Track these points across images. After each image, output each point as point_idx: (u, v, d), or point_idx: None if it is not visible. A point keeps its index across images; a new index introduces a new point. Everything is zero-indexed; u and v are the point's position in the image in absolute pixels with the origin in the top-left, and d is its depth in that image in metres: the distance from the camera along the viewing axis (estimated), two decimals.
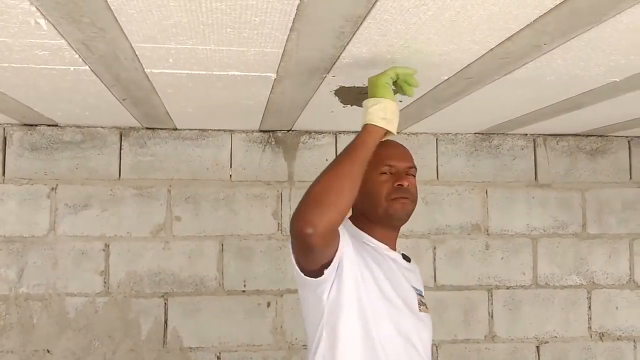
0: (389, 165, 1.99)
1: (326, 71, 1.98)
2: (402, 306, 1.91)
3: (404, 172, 2.00)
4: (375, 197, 1.96)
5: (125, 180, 3.19)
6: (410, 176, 2.01)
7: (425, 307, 2.00)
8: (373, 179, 1.95)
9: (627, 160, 3.57)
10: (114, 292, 3.15)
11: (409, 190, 1.97)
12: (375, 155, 1.88)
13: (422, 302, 2.00)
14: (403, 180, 1.96)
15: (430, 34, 1.60)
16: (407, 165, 2.02)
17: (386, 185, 1.96)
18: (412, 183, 2.00)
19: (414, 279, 2.04)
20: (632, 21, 1.50)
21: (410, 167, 2.03)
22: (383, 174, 1.97)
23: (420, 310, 1.97)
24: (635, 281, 3.53)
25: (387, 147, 2.02)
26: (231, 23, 1.48)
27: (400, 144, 2.11)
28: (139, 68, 1.91)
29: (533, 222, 3.47)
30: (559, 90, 2.30)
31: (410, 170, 2.03)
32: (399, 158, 2.03)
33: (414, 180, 2.02)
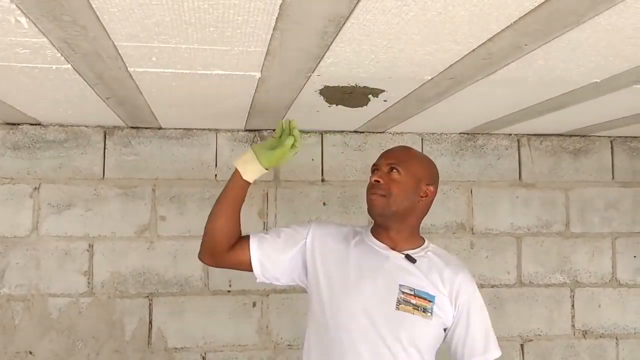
0: (375, 165, 2.19)
1: (311, 71, 1.98)
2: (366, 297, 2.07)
3: (384, 169, 2.14)
4: None
5: (109, 179, 3.18)
6: (393, 172, 2.12)
7: (412, 307, 2.05)
8: None
9: (609, 160, 3.61)
10: (98, 293, 3.14)
11: (380, 186, 2.11)
12: None
13: (406, 300, 2.06)
14: (374, 176, 2.14)
15: (413, 34, 1.61)
16: (387, 162, 2.15)
17: (369, 181, 2.17)
18: (391, 179, 2.12)
19: (409, 278, 2.09)
20: (610, 23, 1.52)
21: (391, 163, 2.13)
22: (372, 173, 2.18)
23: (399, 309, 2.05)
24: (618, 279, 3.56)
25: (383, 151, 2.26)
26: (214, 22, 1.49)
27: (397, 146, 2.33)
28: (122, 67, 1.90)
29: (517, 221, 3.50)
30: (541, 90, 2.31)
31: (392, 165, 2.13)
32: (383, 156, 2.19)
33: (397, 175, 2.12)
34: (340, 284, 2.10)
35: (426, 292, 2.07)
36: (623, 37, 1.64)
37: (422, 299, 2.06)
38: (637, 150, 3.62)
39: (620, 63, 1.90)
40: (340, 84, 2.18)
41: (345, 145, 3.37)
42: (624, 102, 2.53)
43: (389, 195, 2.10)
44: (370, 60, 1.85)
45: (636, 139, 3.62)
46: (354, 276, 2.10)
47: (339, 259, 2.15)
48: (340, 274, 2.12)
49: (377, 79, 2.11)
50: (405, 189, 2.12)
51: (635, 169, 3.62)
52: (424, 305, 2.06)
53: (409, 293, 2.06)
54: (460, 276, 2.13)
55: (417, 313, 2.05)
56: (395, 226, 2.15)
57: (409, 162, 2.16)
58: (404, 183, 2.12)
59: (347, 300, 2.07)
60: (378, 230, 2.19)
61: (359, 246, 2.18)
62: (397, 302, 2.05)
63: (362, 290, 2.07)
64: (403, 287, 2.07)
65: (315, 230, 2.23)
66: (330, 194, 3.35)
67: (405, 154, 2.20)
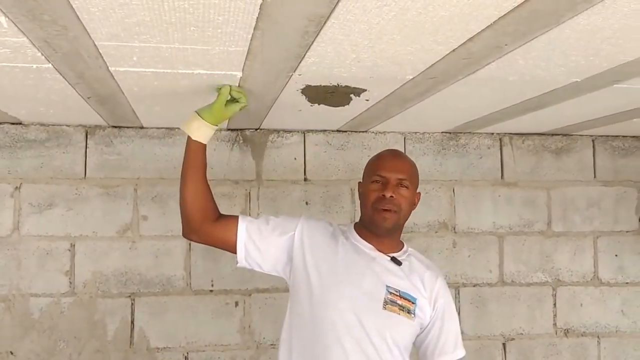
0: (380, 176, 2.17)
1: (292, 70, 1.99)
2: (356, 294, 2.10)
3: (393, 183, 2.15)
4: (365, 203, 2.20)
5: (90, 179, 3.17)
6: (402, 187, 2.16)
7: (398, 308, 2.12)
8: (366, 186, 2.21)
9: (591, 159, 3.64)
10: (80, 293, 3.13)
11: (393, 201, 2.13)
12: (372, 165, 2.26)
13: (393, 301, 2.12)
14: (387, 191, 2.13)
15: (394, 34, 1.62)
16: (397, 177, 2.16)
17: (374, 194, 2.16)
18: (401, 194, 2.15)
19: (394, 280, 2.15)
20: (589, 23, 1.54)
21: (402, 179, 2.16)
22: (374, 183, 2.17)
23: (386, 308, 2.10)
24: (599, 278, 3.60)
25: (382, 158, 2.26)
26: (194, 22, 1.49)
27: (399, 156, 2.31)
28: (103, 66, 1.90)
29: (499, 220, 3.53)
30: (522, 90, 2.34)
31: (402, 181, 2.16)
32: (391, 169, 2.18)
33: (405, 191, 2.16)
34: (329, 278, 2.12)
35: (409, 293, 2.15)
36: (602, 37, 1.66)
37: (407, 300, 2.13)
38: (618, 150, 3.66)
39: (600, 63, 1.93)
40: (322, 83, 2.19)
41: (327, 144, 3.38)
42: (605, 102, 2.56)
43: (399, 211, 2.16)
44: (352, 60, 1.87)
45: (618, 138, 3.66)
46: (343, 272, 2.13)
47: (328, 253, 2.17)
48: (328, 268, 2.14)
49: (359, 78, 2.12)
50: (410, 204, 2.21)
51: (617, 168, 3.65)
52: (408, 307, 2.13)
53: (395, 294, 2.12)
54: (439, 281, 2.25)
55: (402, 314, 2.12)
56: (391, 234, 2.23)
57: (413, 176, 2.23)
58: (410, 197, 2.20)
59: (335, 295, 2.09)
60: (366, 233, 2.22)
61: (347, 244, 2.20)
62: (384, 302, 2.10)
63: (351, 287, 2.11)
64: (390, 287, 2.13)
65: (304, 223, 2.23)
66: (312, 193, 3.36)
67: (411, 168, 2.24)
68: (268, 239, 2.20)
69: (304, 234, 2.21)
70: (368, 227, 2.20)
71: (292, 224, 2.23)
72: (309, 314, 2.12)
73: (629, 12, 1.47)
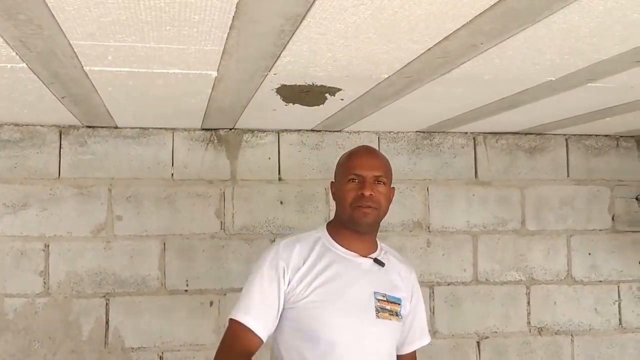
0: (356, 174, 2.12)
1: (267, 69, 2.00)
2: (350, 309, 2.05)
3: (370, 180, 2.10)
4: (343, 203, 2.13)
5: (65, 179, 3.15)
6: (380, 184, 2.12)
7: (388, 313, 2.10)
8: (342, 186, 2.14)
9: (564, 157, 3.68)
10: (54, 293, 3.10)
11: (373, 199, 2.09)
12: (346, 164, 2.19)
13: (383, 307, 2.09)
14: (365, 189, 2.08)
15: (370, 33, 1.63)
16: (374, 174, 2.12)
17: (352, 193, 2.10)
18: (379, 191, 2.11)
19: (380, 283, 2.13)
20: (565, 21, 1.56)
21: (378, 175, 2.12)
22: (351, 182, 2.12)
23: (379, 317, 2.07)
24: (573, 276, 3.64)
25: (356, 156, 2.20)
26: (170, 21, 1.49)
27: (373, 152, 2.25)
28: (78, 65, 1.89)
29: (473, 219, 3.55)
30: (497, 89, 2.36)
31: (379, 178, 2.12)
32: (366, 167, 2.13)
33: (383, 187, 2.13)
34: (319, 302, 2.03)
35: (394, 295, 2.14)
36: (578, 36, 1.69)
37: (394, 303, 2.13)
38: (591, 149, 3.70)
39: (574, 61, 1.95)
40: (297, 82, 2.20)
41: (302, 144, 3.39)
42: (579, 101, 2.59)
43: (379, 208, 2.12)
44: (327, 59, 1.88)
45: (591, 137, 3.70)
46: (332, 291, 2.04)
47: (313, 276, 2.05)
48: (318, 292, 2.03)
49: (334, 77, 2.13)
50: (388, 200, 2.18)
51: (590, 166, 3.69)
52: (396, 310, 2.13)
53: (383, 299, 2.10)
54: (413, 274, 2.29)
55: (393, 318, 2.11)
56: (372, 233, 2.20)
57: (388, 172, 2.19)
58: (387, 194, 2.17)
59: (331, 317, 2.02)
60: (345, 236, 2.15)
61: (327, 256, 2.11)
62: (376, 311, 2.07)
63: (345, 305, 2.04)
64: (377, 294, 2.10)
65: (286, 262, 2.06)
66: (287, 192, 3.36)
67: (386, 163, 2.20)
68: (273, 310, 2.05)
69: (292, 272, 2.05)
70: (347, 226, 2.13)
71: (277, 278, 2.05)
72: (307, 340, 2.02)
73: (604, 11, 1.49)
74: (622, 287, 3.69)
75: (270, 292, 2.05)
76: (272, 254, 2.10)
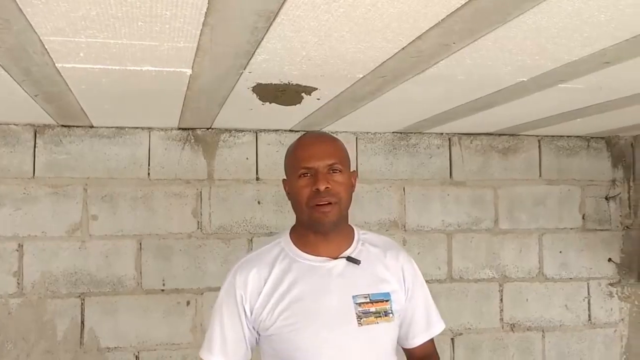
0: (306, 168, 1.81)
1: (242, 67, 1.95)
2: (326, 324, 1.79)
3: (324, 171, 1.80)
4: (298, 203, 1.84)
5: (39, 178, 3.07)
6: (336, 173, 1.81)
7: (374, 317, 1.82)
8: (294, 184, 1.84)
9: (537, 158, 3.69)
10: (28, 293, 3.03)
11: (330, 192, 1.78)
12: (293, 157, 1.86)
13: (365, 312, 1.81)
14: (320, 183, 1.78)
15: (343, 32, 1.60)
16: (326, 163, 1.80)
17: (305, 190, 1.80)
18: (336, 181, 1.80)
19: (359, 284, 1.84)
20: (535, 22, 1.54)
21: (331, 164, 1.81)
22: (302, 177, 1.82)
23: (362, 324, 1.80)
24: (544, 274, 3.65)
25: (303, 146, 1.88)
26: (142, 16, 1.44)
27: (320, 138, 1.93)
28: (50, 62, 1.83)
29: (448, 219, 3.54)
30: (470, 89, 2.34)
31: (333, 166, 1.81)
32: (316, 157, 1.81)
33: (340, 176, 1.82)
34: (290, 324, 1.79)
35: (380, 292, 1.85)
36: (548, 36, 1.67)
37: (380, 302, 1.84)
38: (563, 149, 3.71)
39: (545, 62, 1.94)
40: (273, 81, 2.16)
41: (280, 144, 3.35)
42: (550, 102, 2.58)
43: (339, 201, 1.81)
44: (302, 58, 1.84)
45: (562, 138, 3.71)
46: (302, 309, 1.79)
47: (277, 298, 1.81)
48: (286, 314, 1.79)
49: (310, 76, 2.09)
50: (348, 189, 1.86)
51: (561, 167, 3.71)
52: (384, 309, 1.84)
53: (364, 302, 1.82)
54: (400, 257, 1.96)
55: (381, 320, 1.83)
56: (337, 230, 1.87)
57: (343, 156, 1.87)
58: (346, 182, 1.85)
59: (303, 338, 1.78)
60: (311, 241, 1.87)
61: (292, 270, 1.84)
62: (358, 318, 1.80)
63: (318, 321, 1.79)
64: (357, 297, 1.81)
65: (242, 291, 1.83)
66: (264, 192, 3.32)
67: (338, 147, 1.88)
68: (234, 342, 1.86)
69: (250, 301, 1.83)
70: (309, 227, 1.84)
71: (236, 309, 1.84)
72: None
73: (573, 12, 1.48)
74: (592, 284, 3.72)
75: (232, 326, 1.84)
76: (227, 284, 1.87)
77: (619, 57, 1.87)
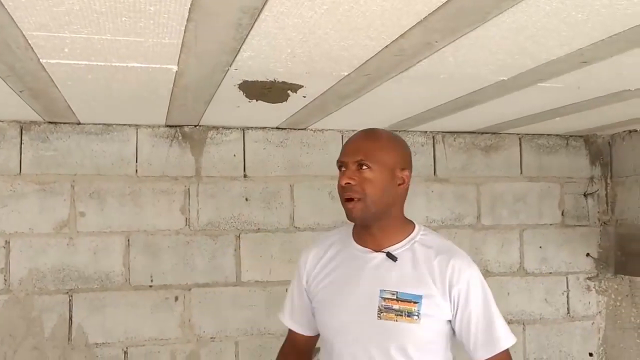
0: (340, 161, 1.88)
1: (228, 64, 1.93)
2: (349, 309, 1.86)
3: (352, 167, 1.84)
4: None
5: (26, 175, 3.02)
6: (364, 169, 1.82)
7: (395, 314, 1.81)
8: None
9: (518, 156, 3.69)
10: (15, 290, 2.98)
11: (353, 188, 1.81)
12: None
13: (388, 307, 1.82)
14: (342, 179, 1.83)
15: (327, 29, 1.58)
16: (354, 159, 1.83)
17: (339, 183, 1.87)
18: (363, 177, 1.82)
19: (392, 280, 1.84)
20: (514, 21, 1.53)
21: (359, 160, 1.82)
22: (340, 170, 1.88)
23: (380, 317, 1.82)
24: (525, 269, 3.65)
25: (347, 141, 1.95)
26: (126, 12, 1.41)
27: (361, 134, 1.95)
28: (34, 58, 1.80)
29: (432, 215, 3.53)
30: (452, 88, 2.33)
31: (361, 162, 1.82)
32: (347, 152, 1.87)
33: (369, 172, 1.82)
34: (324, 301, 1.94)
35: (411, 293, 1.82)
36: (526, 35, 1.66)
37: (406, 302, 1.81)
38: (543, 147, 3.71)
39: (524, 61, 1.93)
40: (259, 78, 2.13)
41: (267, 141, 3.32)
42: (530, 100, 2.58)
43: (364, 198, 1.81)
44: (287, 55, 1.82)
45: (542, 137, 3.71)
46: (335, 291, 1.91)
47: (323, 277, 1.96)
48: (324, 292, 1.94)
49: (295, 74, 2.07)
50: (380, 185, 1.83)
51: (542, 164, 3.71)
52: (408, 310, 1.81)
53: (390, 298, 1.81)
54: (451, 264, 1.85)
55: (401, 319, 1.80)
56: (378, 224, 1.88)
57: (377, 153, 1.85)
58: (378, 178, 1.83)
59: (330, 316, 1.91)
60: (359, 232, 1.94)
61: (340, 255, 1.95)
62: (379, 311, 1.81)
63: (343, 305, 1.87)
64: (384, 292, 1.82)
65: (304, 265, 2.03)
66: (252, 189, 3.29)
67: (372, 143, 1.88)
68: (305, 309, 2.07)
69: (307, 276, 2.02)
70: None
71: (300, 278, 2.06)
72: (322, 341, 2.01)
73: (551, 11, 1.47)
74: (570, 278, 3.73)
75: (298, 295, 2.07)
76: (299, 261, 2.09)
77: (595, 56, 1.87)
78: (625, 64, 1.98)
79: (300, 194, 3.34)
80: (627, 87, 2.34)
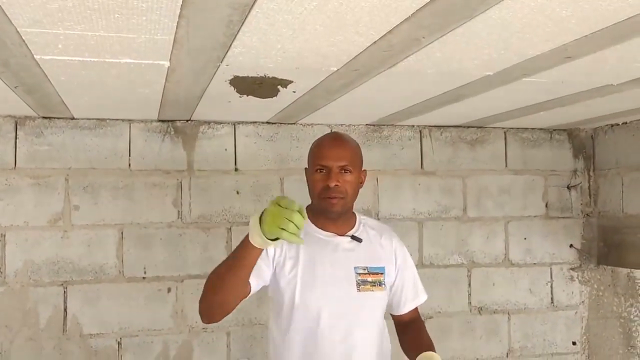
0: (322, 165, 2.13)
1: (219, 60, 1.92)
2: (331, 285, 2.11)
3: (336, 171, 2.11)
4: (312, 193, 2.17)
5: (21, 169, 3.01)
6: (346, 173, 2.11)
7: (370, 285, 2.15)
8: (310, 176, 2.17)
9: (503, 149, 3.70)
10: (11, 282, 2.97)
11: (338, 189, 2.10)
12: (313, 153, 2.19)
13: (364, 280, 2.15)
14: (331, 181, 2.09)
15: (317, 25, 1.57)
16: (338, 164, 2.11)
17: (319, 184, 2.12)
18: (345, 180, 2.11)
19: (360, 258, 2.17)
20: (500, 17, 1.53)
21: (343, 165, 2.11)
22: (318, 172, 2.13)
23: (360, 290, 2.14)
24: (510, 259, 3.67)
25: (322, 146, 2.19)
26: (118, 8, 1.40)
27: (339, 141, 2.21)
28: (28, 54, 1.78)
29: (419, 207, 3.54)
30: (439, 83, 2.33)
31: (344, 167, 2.11)
32: (332, 158, 2.12)
33: (349, 176, 2.12)
34: (303, 282, 2.10)
35: (377, 266, 2.19)
36: (512, 31, 1.66)
37: (376, 274, 2.18)
38: (527, 141, 3.72)
39: (510, 57, 1.93)
40: (250, 74, 2.12)
41: (257, 135, 3.32)
42: (515, 95, 2.58)
43: (345, 196, 2.13)
44: (277, 51, 1.81)
45: (527, 130, 3.72)
46: (311, 272, 2.11)
47: (290, 258, 2.13)
48: (299, 272, 2.11)
49: (285, 69, 2.07)
50: (356, 186, 2.19)
51: (526, 158, 3.72)
52: (379, 280, 2.18)
53: (363, 273, 2.16)
54: (394, 240, 2.31)
55: (376, 288, 2.17)
56: (343, 216, 2.20)
57: (355, 159, 2.17)
58: (355, 180, 2.16)
59: (312, 294, 2.10)
60: (322, 220, 2.19)
61: (307, 240, 2.05)
62: (357, 284, 2.14)
63: (325, 283, 2.11)
64: (357, 268, 2.16)
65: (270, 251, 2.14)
66: (243, 183, 3.29)
67: (352, 151, 2.18)
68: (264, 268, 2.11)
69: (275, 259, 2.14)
70: (320, 213, 2.17)
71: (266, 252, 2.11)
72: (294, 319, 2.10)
73: (536, 7, 1.47)
74: (554, 268, 3.75)
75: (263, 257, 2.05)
76: None
77: (579, 52, 1.88)
78: (609, 60, 1.98)
79: (290, 186, 3.34)
80: (610, 82, 2.35)
